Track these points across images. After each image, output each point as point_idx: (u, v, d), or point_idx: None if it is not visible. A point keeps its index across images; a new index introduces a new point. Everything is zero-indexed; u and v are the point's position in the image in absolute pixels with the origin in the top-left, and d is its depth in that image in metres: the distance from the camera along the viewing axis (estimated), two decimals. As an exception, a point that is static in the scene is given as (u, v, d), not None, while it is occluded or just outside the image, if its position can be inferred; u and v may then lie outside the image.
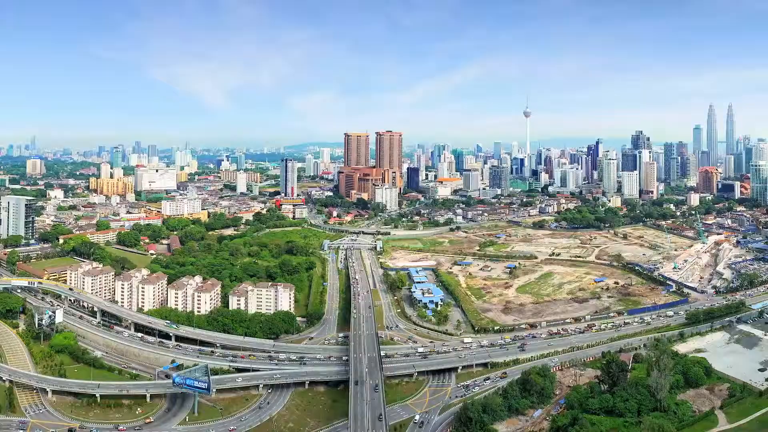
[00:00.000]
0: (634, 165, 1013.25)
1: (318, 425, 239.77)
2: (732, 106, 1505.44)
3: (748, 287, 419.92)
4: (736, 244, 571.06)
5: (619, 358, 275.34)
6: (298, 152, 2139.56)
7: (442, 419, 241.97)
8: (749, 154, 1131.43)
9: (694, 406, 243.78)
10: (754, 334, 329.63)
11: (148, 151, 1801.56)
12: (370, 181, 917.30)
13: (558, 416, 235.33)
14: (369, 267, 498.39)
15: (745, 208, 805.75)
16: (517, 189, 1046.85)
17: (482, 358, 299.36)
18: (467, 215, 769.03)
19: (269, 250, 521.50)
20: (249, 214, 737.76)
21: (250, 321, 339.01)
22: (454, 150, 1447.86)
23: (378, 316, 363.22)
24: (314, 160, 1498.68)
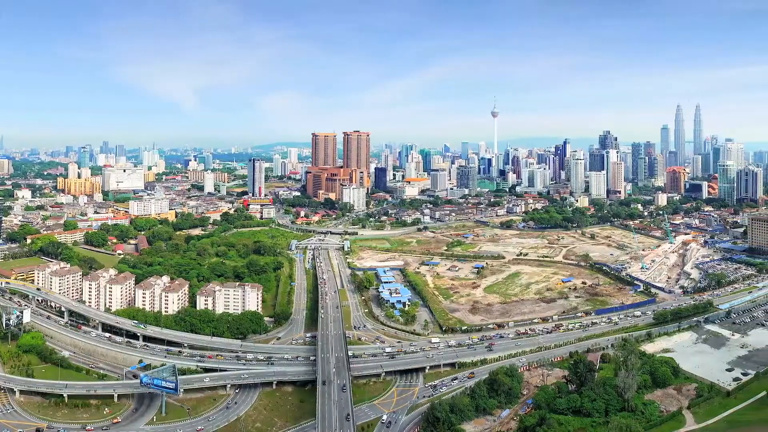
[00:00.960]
0: (601, 165, 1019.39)
1: (285, 425, 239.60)
2: (699, 106, 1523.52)
3: (715, 287, 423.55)
4: (704, 244, 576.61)
5: (587, 358, 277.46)
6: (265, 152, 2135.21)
7: (409, 419, 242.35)
8: (717, 154, 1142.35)
9: (661, 406, 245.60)
10: (721, 334, 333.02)
11: (115, 151, 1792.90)
12: (338, 181, 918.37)
13: (525, 416, 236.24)
14: (337, 267, 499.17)
15: (713, 208, 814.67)
16: (485, 189, 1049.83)
17: (450, 358, 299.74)
18: (435, 215, 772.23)
19: (237, 250, 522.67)
20: (217, 214, 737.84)
21: (217, 321, 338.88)
22: (422, 150, 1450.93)
23: (345, 316, 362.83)
24: (282, 160, 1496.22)
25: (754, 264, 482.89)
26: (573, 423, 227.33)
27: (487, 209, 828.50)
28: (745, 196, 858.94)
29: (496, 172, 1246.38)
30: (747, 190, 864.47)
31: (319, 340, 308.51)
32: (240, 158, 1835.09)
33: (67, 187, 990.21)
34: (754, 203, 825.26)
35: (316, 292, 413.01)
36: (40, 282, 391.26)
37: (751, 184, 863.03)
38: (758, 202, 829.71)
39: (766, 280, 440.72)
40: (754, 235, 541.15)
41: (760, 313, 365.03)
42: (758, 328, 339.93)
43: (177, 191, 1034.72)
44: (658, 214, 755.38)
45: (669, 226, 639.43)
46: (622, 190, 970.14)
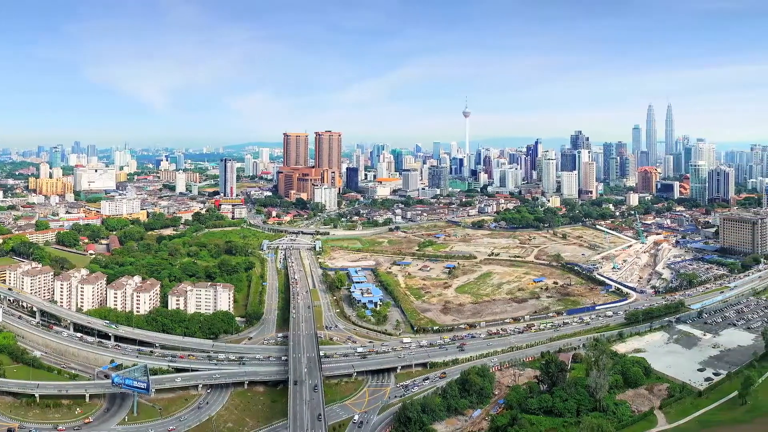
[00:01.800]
0: (573, 165, 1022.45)
1: (257, 425, 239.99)
2: (671, 106, 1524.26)
3: (687, 287, 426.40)
4: (676, 244, 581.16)
5: (558, 358, 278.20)
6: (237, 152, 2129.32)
7: (381, 419, 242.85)
8: (688, 154, 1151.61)
9: (633, 406, 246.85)
10: (693, 334, 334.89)
11: (87, 151, 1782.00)
12: (310, 181, 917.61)
13: (497, 416, 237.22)
14: (308, 267, 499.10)
15: (685, 208, 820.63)
16: (457, 189, 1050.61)
17: (421, 358, 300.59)
18: (406, 215, 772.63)
19: (208, 250, 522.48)
20: (188, 214, 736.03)
21: (189, 321, 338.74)
22: (394, 150, 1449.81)
23: (317, 316, 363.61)
24: (253, 160, 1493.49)
25: (725, 264, 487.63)
26: (544, 423, 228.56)
27: (458, 209, 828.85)
28: (716, 196, 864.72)
29: (467, 172, 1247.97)
30: (719, 190, 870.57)
31: (291, 340, 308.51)
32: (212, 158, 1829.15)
33: (39, 187, 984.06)
34: (726, 203, 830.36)
35: (287, 292, 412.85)
36: (11, 282, 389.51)
37: (722, 185, 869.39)
38: (730, 202, 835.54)
39: (738, 280, 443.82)
40: (726, 235, 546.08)
41: (731, 313, 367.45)
42: (730, 328, 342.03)
43: (149, 191, 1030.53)
44: (629, 214, 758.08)
45: (641, 226, 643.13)
46: (593, 190, 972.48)
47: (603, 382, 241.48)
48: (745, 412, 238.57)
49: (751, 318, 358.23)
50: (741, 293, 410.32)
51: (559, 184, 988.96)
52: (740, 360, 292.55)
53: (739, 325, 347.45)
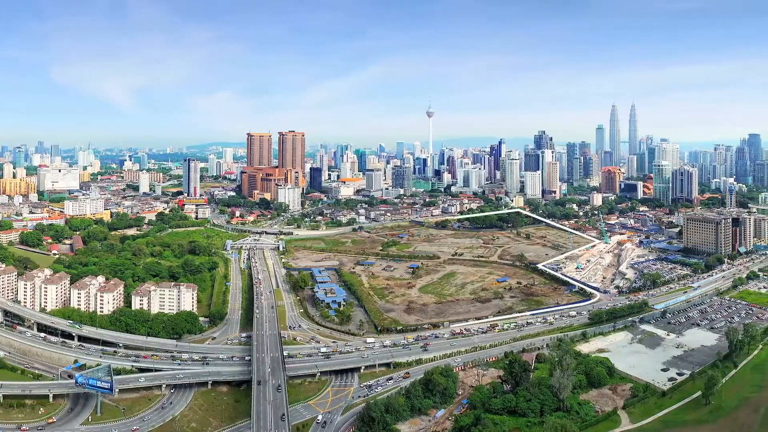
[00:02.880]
0: (536, 165, 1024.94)
1: (221, 425, 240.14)
2: (635, 107, 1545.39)
3: (650, 287, 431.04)
4: (639, 244, 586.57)
5: (522, 358, 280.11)
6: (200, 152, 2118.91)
7: (344, 419, 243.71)
8: (652, 154, 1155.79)
9: (596, 406, 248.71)
10: (656, 334, 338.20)
11: (50, 151, 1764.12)
12: (273, 181, 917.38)
13: (461, 416, 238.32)
14: (272, 267, 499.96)
15: (648, 208, 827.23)
16: (420, 189, 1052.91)
17: (385, 358, 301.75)
18: (370, 215, 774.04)
19: (172, 250, 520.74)
20: (152, 214, 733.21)
21: (152, 321, 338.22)
22: (357, 150, 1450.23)
23: (281, 316, 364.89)
24: (217, 160, 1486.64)
25: (689, 264, 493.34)
26: (508, 423, 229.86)
27: (422, 209, 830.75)
28: (680, 196, 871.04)
29: (431, 172, 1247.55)
30: (682, 190, 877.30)
31: (255, 340, 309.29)
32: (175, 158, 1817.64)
33: (2, 187, 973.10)
34: (690, 203, 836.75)
35: (251, 292, 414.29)
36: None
37: (686, 184, 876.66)
38: (693, 202, 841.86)
39: (701, 280, 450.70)
40: (689, 235, 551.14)
41: (695, 313, 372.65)
42: (693, 328, 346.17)
43: (112, 191, 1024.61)
44: (593, 214, 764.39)
45: (604, 226, 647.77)
46: (557, 190, 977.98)
47: (566, 382, 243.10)
48: (708, 412, 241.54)
49: (715, 318, 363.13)
50: (704, 293, 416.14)
51: (522, 184, 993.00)
52: (704, 360, 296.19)
53: (703, 325, 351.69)
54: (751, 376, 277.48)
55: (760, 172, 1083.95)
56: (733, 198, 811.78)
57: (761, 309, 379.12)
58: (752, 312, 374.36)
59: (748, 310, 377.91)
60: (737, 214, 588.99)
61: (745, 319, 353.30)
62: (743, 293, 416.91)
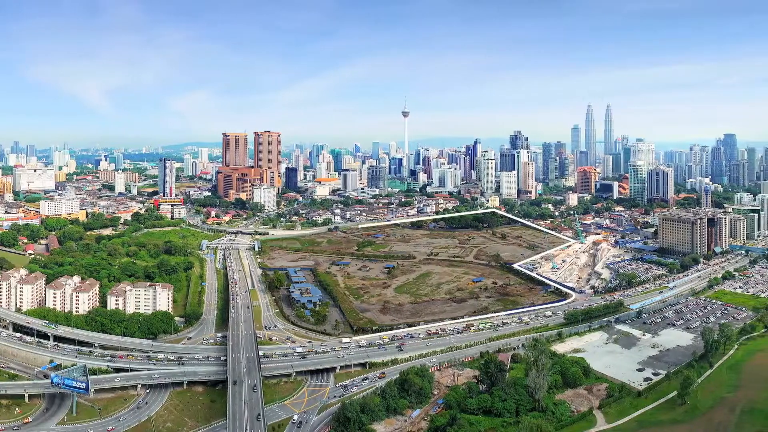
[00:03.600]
0: (512, 165, 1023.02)
1: (196, 425, 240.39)
2: (610, 107, 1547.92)
3: (626, 287, 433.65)
4: (615, 244, 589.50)
5: (498, 358, 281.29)
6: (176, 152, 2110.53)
7: (320, 419, 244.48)
8: (627, 154, 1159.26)
9: (572, 406, 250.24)
10: (632, 334, 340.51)
11: (26, 151, 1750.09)
12: (249, 181, 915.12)
13: (436, 416, 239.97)
14: (247, 267, 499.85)
15: (624, 208, 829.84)
16: (396, 189, 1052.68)
17: (361, 358, 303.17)
18: (345, 215, 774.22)
19: (147, 250, 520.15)
20: (127, 214, 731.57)
21: (128, 321, 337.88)
22: (333, 150, 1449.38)
23: (256, 316, 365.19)
24: (193, 160, 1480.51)
25: (664, 264, 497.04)
26: (484, 423, 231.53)
27: (397, 209, 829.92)
28: (655, 196, 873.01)
29: (406, 172, 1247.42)
30: (658, 190, 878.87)
31: (230, 340, 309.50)
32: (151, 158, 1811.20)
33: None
34: (665, 203, 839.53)
35: (227, 292, 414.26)
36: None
37: (661, 184, 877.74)
38: (669, 202, 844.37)
39: (677, 280, 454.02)
40: (665, 235, 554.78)
41: (670, 313, 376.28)
42: (669, 328, 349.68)
43: (88, 191, 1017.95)
44: (569, 214, 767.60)
45: (580, 226, 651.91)
46: (533, 190, 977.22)
47: (542, 382, 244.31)
48: (684, 412, 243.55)
49: (690, 318, 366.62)
50: (680, 293, 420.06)
51: (498, 184, 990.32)
52: (679, 360, 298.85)
53: (678, 325, 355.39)
54: (727, 376, 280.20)
55: (735, 172, 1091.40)
56: (708, 198, 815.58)
57: (737, 309, 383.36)
58: (728, 312, 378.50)
59: (724, 310, 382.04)
60: (713, 214, 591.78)
61: (720, 319, 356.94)
62: (719, 293, 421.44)
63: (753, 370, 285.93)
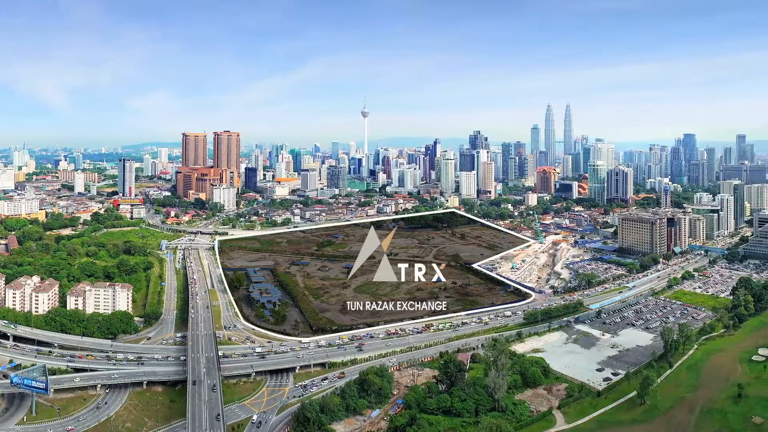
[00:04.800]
0: (471, 165, 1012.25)
1: (156, 425, 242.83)
2: (570, 106, 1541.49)
3: (585, 287, 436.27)
4: (574, 244, 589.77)
5: (457, 358, 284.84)
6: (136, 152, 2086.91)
7: (280, 419, 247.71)
8: (587, 154, 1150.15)
9: (532, 406, 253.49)
10: (591, 334, 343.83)
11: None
12: (208, 181, 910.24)
13: (396, 416, 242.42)
14: (207, 267, 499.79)
15: (583, 208, 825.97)
16: (355, 189, 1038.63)
17: (320, 358, 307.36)
18: (305, 215, 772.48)
19: (107, 250, 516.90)
20: (87, 214, 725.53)
21: (88, 321, 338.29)
22: (292, 150, 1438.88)
23: (216, 316, 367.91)
24: (152, 160, 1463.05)
25: (624, 264, 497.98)
26: (443, 423, 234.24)
27: (357, 209, 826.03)
28: (615, 196, 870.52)
29: (366, 172, 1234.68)
30: (617, 190, 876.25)
31: (190, 340, 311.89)
32: (110, 158, 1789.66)
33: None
34: (625, 203, 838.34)
35: (186, 292, 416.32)
36: None
37: (621, 184, 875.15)
38: (628, 202, 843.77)
39: (637, 280, 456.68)
40: (624, 235, 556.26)
41: (630, 313, 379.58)
42: (628, 328, 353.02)
43: (47, 191, 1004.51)
44: (528, 214, 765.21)
45: (539, 226, 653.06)
46: (492, 190, 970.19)
47: (502, 382, 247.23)
48: (643, 412, 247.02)
49: (650, 318, 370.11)
50: (639, 293, 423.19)
51: (457, 184, 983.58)
52: (639, 360, 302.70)
53: (638, 325, 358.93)
54: (687, 376, 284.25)
55: (695, 172, 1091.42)
56: (668, 198, 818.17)
57: (696, 309, 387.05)
58: (687, 312, 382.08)
59: (684, 310, 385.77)
60: (672, 214, 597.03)
61: (680, 319, 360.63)
62: (678, 293, 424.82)
63: (712, 370, 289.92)
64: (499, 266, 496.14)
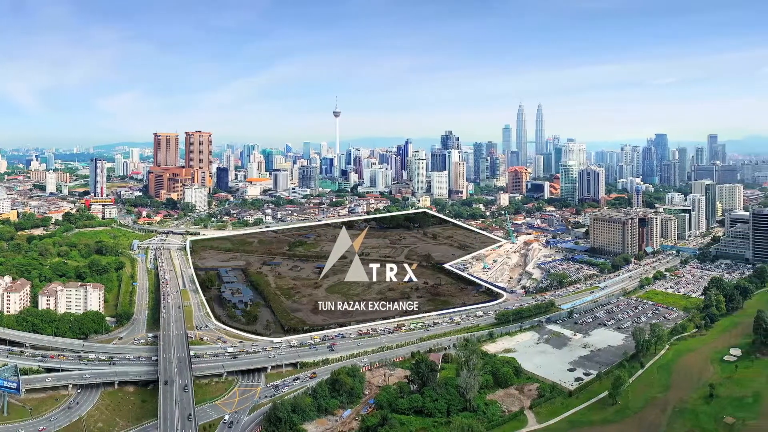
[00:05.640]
0: (443, 165, 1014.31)
1: (128, 425, 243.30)
2: (541, 106, 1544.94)
3: (557, 287, 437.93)
4: (546, 244, 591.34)
5: (429, 358, 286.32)
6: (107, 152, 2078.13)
7: (251, 419, 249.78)
8: (559, 154, 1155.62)
9: (503, 406, 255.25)
10: (563, 334, 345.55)
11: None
12: (180, 181, 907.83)
13: (367, 416, 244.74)
14: (179, 267, 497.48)
15: (555, 208, 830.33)
16: (327, 189, 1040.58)
17: (292, 358, 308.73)
18: (277, 215, 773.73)
19: (79, 250, 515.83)
20: (59, 214, 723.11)
21: (59, 321, 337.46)
22: (264, 150, 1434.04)
23: (187, 316, 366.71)
24: (124, 160, 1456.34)
25: (595, 264, 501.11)
26: (415, 423, 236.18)
27: (329, 209, 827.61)
28: (587, 196, 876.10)
29: (338, 172, 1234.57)
30: (589, 190, 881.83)
31: (161, 340, 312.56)
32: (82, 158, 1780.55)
33: None
34: (596, 203, 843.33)
35: (158, 292, 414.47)
36: None
37: (592, 184, 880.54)
38: (600, 202, 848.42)
39: (608, 280, 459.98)
40: (596, 235, 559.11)
41: (601, 314, 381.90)
42: (600, 328, 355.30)
43: (19, 191, 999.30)
44: (500, 214, 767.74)
45: (511, 226, 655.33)
46: (464, 190, 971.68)
47: (473, 382, 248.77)
48: (615, 412, 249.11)
49: (621, 318, 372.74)
50: (611, 293, 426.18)
51: (429, 184, 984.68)
52: (610, 360, 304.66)
53: (610, 325, 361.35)
54: (658, 376, 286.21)
55: (666, 172, 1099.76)
56: (639, 198, 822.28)
57: (668, 309, 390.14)
58: (659, 312, 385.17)
59: (655, 310, 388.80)
60: (644, 214, 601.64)
61: (651, 319, 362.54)
62: (650, 293, 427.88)
63: (684, 370, 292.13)
64: (470, 266, 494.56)
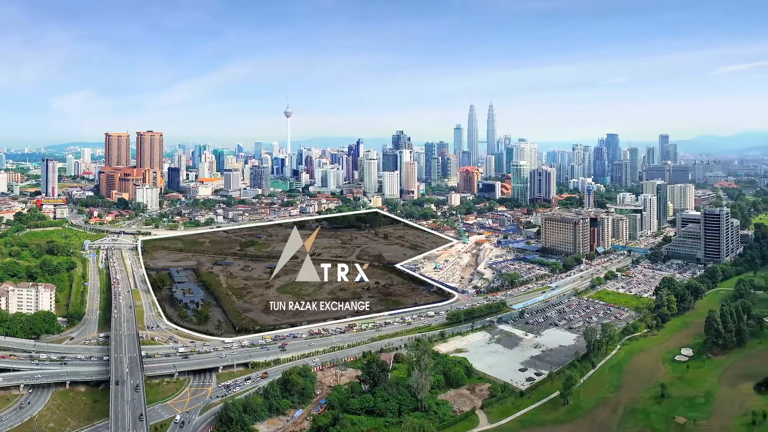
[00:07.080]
0: (395, 165, 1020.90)
1: (79, 425, 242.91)
2: (493, 106, 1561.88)
3: (509, 287, 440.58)
4: (497, 244, 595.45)
5: (380, 358, 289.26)
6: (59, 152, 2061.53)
7: (203, 419, 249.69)
8: (510, 154, 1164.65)
9: (455, 406, 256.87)
10: (514, 334, 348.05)
11: None
12: (131, 181, 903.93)
13: (319, 416, 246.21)
14: (130, 267, 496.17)
15: (506, 208, 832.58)
16: (278, 189, 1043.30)
17: (243, 358, 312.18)
18: (228, 215, 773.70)
19: (30, 250, 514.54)
20: (10, 214, 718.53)
21: (10, 321, 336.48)
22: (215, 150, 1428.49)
23: (139, 316, 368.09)
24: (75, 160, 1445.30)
25: (547, 264, 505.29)
26: (366, 423, 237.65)
27: (280, 209, 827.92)
28: (538, 196, 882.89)
29: (289, 172, 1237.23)
30: (540, 190, 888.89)
31: (113, 340, 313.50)
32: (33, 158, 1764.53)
33: None
34: (548, 203, 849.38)
35: (109, 292, 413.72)
36: None
37: (544, 184, 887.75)
38: (551, 202, 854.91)
39: (560, 280, 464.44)
40: (547, 235, 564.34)
41: (553, 313, 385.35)
42: (551, 328, 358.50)
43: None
44: (451, 214, 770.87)
45: (462, 226, 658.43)
46: (415, 190, 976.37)
47: (424, 382, 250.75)
48: (566, 412, 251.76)
49: (573, 318, 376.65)
50: (563, 293, 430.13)
51: (380, 184, 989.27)
52: (562, 360, 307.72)
53: (561, 325, 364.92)
54: (609, 376, 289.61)
55: (618, 172, 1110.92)
56: (591, 198, 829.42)
57: (619, 309, 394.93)
58: (610, 312, 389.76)
59: (606, 310, 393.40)
60: (595, 214, 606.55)
61: (603, 319, 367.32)
62: (601, 293, 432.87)
63: (635, 370, 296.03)
64: (422, 266, 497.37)
